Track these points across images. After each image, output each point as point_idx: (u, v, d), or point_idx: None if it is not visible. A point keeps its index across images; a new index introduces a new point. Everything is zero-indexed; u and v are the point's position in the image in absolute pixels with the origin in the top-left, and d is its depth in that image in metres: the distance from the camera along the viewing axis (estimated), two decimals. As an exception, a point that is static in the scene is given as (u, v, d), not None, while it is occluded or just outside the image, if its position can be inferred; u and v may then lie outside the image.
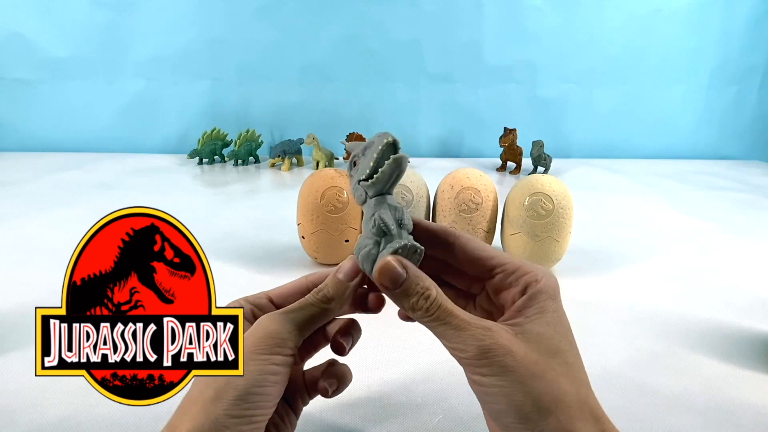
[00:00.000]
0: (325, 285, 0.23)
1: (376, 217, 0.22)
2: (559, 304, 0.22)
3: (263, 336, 0.21)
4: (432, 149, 1.23)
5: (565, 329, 0.21)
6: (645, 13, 1.15)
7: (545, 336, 0.21)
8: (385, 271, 0.21)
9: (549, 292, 0.22)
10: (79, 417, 0.29)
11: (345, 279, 0.23)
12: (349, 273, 0.23)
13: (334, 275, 0.24)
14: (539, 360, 0.20)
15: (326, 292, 0.23)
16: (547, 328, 0.21)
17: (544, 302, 0.22)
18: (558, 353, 0.20)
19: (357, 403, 0.31)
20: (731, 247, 0.61)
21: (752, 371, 0.35)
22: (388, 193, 0.23)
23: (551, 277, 0.23)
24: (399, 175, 0.22)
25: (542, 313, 0.21)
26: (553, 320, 0.21)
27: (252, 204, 0.77)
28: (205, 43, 1.12)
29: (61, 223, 0.64)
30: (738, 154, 1.27)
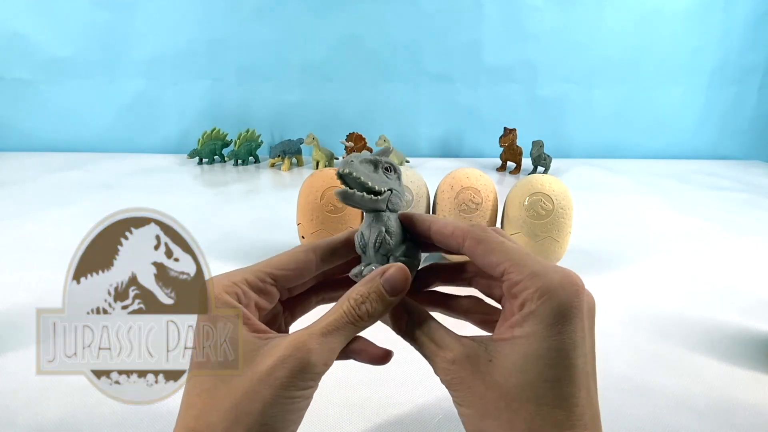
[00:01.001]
0: (368, 297, 0.20)
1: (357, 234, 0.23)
2: (563, 326, 0.18)
3: (300, 371, 0.18)
4: (432, 149, 1.23)
5: (549, 366, 0.17)
6: (645, 13, 1.15)
7: (519, 370, 0.18)
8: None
9: (545, 315, 0.18)
10: (79, 417, 0.29)
11: (390, 294, 0.20)
12: (397, 288, 0.20)
13: (379, 288, 0.20)
14: (499, 399, 0.18)
15: (369, 308, 0.20)
16: (524, 361, 0.18)
17: (535, 327, 0.18)
18: (527, 397, 0.17)
19: (357, 403, 0.31)
20: (731, 247, 0.61)
21: (752, 371, 0.35)
22: (388, 210, 0.23)
23: (562, 294, 0.18)
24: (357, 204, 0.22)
25: (527, 339, 0.18)
26: (538, 352, 0.17)
27: (252, 204, 0.77)
28: (205, 43, 1.12)
29: (61, 223, 0.64)
30: (738, 154, 1.27)
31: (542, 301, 0.18)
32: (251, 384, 0.18)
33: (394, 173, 0.23)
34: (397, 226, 0.23)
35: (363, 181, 0.21)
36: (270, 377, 0.18)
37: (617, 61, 1.19)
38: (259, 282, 0.21)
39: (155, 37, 1.11)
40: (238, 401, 0.18)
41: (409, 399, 0.31)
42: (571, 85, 1.20)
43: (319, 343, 0.19)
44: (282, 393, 0.18)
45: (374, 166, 0.23)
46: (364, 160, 0.22)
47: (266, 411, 0.17)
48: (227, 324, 0.19)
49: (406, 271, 0.21)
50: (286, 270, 0.22)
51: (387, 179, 0.23)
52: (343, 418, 0.30)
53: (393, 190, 0.23)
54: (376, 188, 0.22)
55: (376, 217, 0.22)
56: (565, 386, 0.17)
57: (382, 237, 0.22)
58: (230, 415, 0.17)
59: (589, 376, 0.18)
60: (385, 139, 1.01)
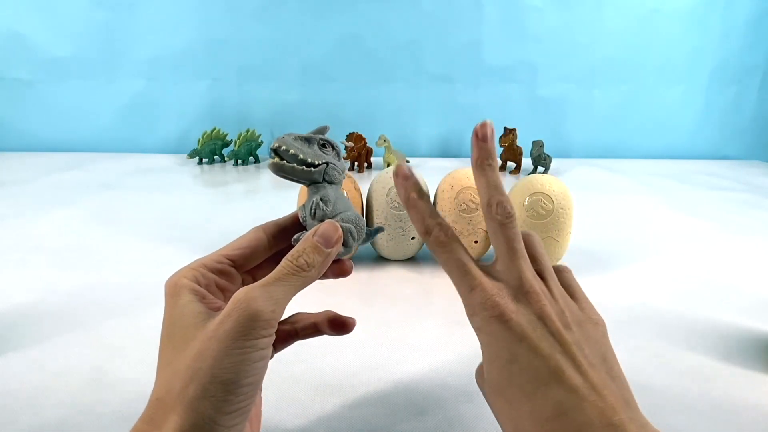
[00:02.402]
0: (303, 251, 0.21)
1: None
2: (486, 336, 0.20)
3: (246, 318, 0.19)
4: (432, 149, 1.23)
5: (500, 364, 0.20)
6: (645, 13, 1.15)
7: (488, 379, 0.21)
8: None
9: (472, 326, 0.21)
10: (79, 417, 0.29)
11: (326, 246, 0.22)
12: (330, 239, 0.22)
13: (313, 241, 0.21)
14: (493, 403, 0.21)
15: (307, 259, 0.21)
16: (487, 369, 0.21)
17: (479, 323, 0.21)
18: (499, 393, 0.20)
19: (356, 404, 0.31)
20: (731, 247, 0.61)
21: (752, 371, 0.35)
22: (325, 182, 0.24)
23: (466, 305, 0.21)
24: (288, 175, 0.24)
25: (479, 332, 0.21)
26: (487, 359, 0.21)
27: (252, 204, 0.77)
28: (205, 43, 1.12)
29: (61, 223, 0.64)
30: (738, 154, 1.27)
31: (471, 319, 0.22)
32: (202, 343, 0.19)
33: (332, 149, 0.25)
34: (337, 196, 0.24)
35: (294, 154, 0.23)
36: (218, 331, 0.19)
37: (617, 61, 1.19)
38: (216, 264, 0.23)
39: (155, 37, 1.11)
40: (191, 362, 0.18)
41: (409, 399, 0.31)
42: (571, 85, 1.20)
43: (261, 292, 0.19)
44: (231, 344, 0.18)
45: (307, 142, 0.24)
46: (297, 137, 0.24)
47: (217, 364, 0.18)
48: (184, 304, 0.20)
49: (334, 225, 0.22)
50: (240, 249, 0.24)
51: (323, 154, 0.24)
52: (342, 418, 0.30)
53: (329, 164, 0.24)
54: (309, 160, 0.23)
55: (314, 188, 0.24)
56: (515, 380, 0.19)
57: (316, 203, 0.23)
58: (185, 375, 0.18)
59: (547, 358, 0.19)
60: (385, 139, 1.01)
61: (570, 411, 0.18)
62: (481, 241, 0.50)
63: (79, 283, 0.46)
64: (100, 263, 0.51)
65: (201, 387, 0.18)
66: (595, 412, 0.18)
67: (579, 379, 0.18)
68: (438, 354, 0.36)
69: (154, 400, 0.19)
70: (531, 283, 0.21)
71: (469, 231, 0.49)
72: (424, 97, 1.19)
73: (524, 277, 0.21)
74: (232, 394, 0.18)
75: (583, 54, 1.18)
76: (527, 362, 0.19)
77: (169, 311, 0.21)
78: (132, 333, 0.38)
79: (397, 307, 0.43)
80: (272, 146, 0.23)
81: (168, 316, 0.21)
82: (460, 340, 0.38)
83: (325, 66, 1.16)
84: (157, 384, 0.20)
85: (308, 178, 0.24)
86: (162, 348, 0.20)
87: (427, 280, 0.49)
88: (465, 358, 0.36)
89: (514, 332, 0.19)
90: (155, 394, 0.19)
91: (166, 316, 0.21)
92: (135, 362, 0.34)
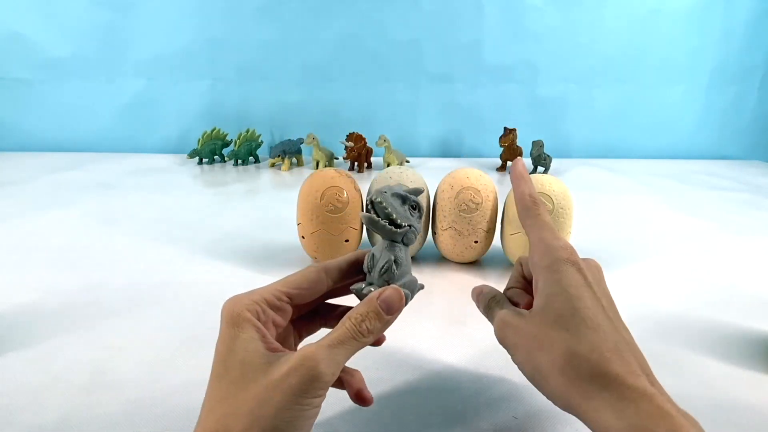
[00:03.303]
0: (367, 315, 0.22)
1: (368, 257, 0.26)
2: (557, 273, 0.23)
3: (310, 378, 0.20)
4: (432, 149, 1.23)
5: (567, 297, 0.22)
6: (645, 13, 1.15)
7: (544, 309, 0.23)
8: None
9: (542, 265, 0.24)
10: (79, 417, 0.29)
11: (387, 313, 0.23)
12: (393, 308, 0.23)
13: (376, 307, 0.23)
14: (538, 333, 0.22)
15: (368, 325, 0.22)
16: (545, 301, 0.23)
17: (538, 276, 0.24)
18: (558, 322, 0.22)
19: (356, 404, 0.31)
20: (731, 247, 0.61)
21: (752, 371, 0.35)
22: (399, 242, 0.25)
23: (548, 248, 0.24)
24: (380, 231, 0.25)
25: (538, 287, 0.24)
26: (550, 290, 0.23)
27: (252, 204, 0.77)
28: (205, 43, 1.12)
29: (61, 223, 0.64)
30: (738, 154, 1.27)
31: (535, 258, 0.24)
32: (266, 391, 0.20)
33: (417, 212, 0.27)
34: (406, 258, 0.26)
35: (389, 212, 0.25)
36: (283, 384, 0.20)
37: (617, 61, 1.19)
38: (276, 300, 0.24)
39: (155, 37, 1.11)
40: (254, 406, 0.19)
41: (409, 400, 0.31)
42: (571, 85, 1.20)
43: (327, 354, 0.21)
44: (293, 399, 0.19)
45: (402, 200, 0.26)
46: (396, 194, 0.26)
47: (278, 415, 0.19)
48: (246, 340, 0.21)
49: (400, 293, 0.23)
50: (300, 289, 0.24)
51: (410, 216, 0.26)
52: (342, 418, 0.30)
53: (412, 227, 0.26)
54: (398, 221, 0.25)
55: (390, 246, 0.25)
56: (580, 314, 0.22)
57: (390, 265, 0.25)
58: (247, 419, 0.19)
59: (605, 309, 0.22)
60: (385, 139, 1.01)
61: (624, 352, 0.21)
62: (481, 241, 0.50)
63: (79, 283, 0.46)
64: (99, 263, 0.51)
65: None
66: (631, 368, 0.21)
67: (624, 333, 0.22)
68: (438, 354, 0.36)
69: (208, 431, 0.20)
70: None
71: (469, 231, 0.49)
72: (424, 97, 1.19)
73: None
74: None
75: (583, 54, 1.18)
76: (592, 303, 0.22)
77: (229, 342, 0.21)
78: (132, 333, 0.38)
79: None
80: (372, 198, 0.25)
81: (226, 347, 0.21)
82: (460, 340, 0.38)
83: (325, 66, 1.16)
84: (209, 415, 0.20)
85: (390, 237, 0.25)
86: (216, 378, 0.21)
87: (427, 279, 0.49)
88: (465, 358, 0.36)
89: (586, 279, 0.23)
90: (208, 427, 0.20)
91: (223, 347, 0.21)
92: (135, 362, 0.34)
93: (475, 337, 0.38)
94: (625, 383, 0.19)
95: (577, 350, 0.21)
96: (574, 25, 1.15)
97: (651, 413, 0.18)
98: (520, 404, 0.31)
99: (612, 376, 0.19)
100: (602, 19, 1.15)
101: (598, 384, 0.20)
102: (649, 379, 0.20)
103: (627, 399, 0.19)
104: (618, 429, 0.18)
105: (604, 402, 0.19)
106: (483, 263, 0.54)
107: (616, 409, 0.19)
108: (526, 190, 0.27)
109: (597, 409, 0.19)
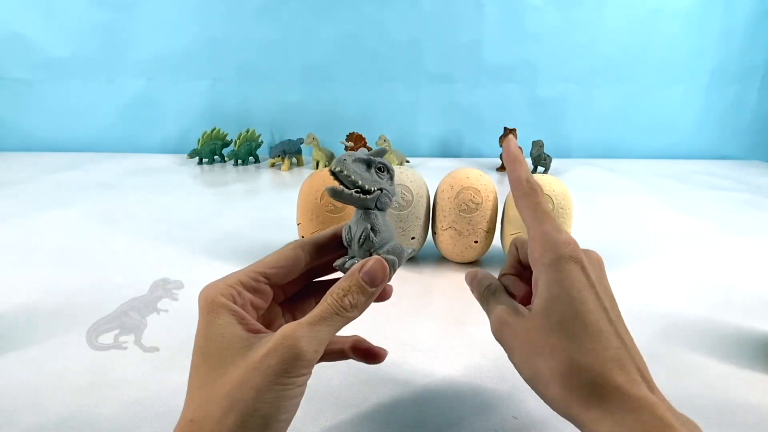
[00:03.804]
0: (349, 289, 0.21)
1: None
2: (559, 273, 0.21)
3: (290, 357, 0.19)
4: (432, 149, 1.23)
5: (569, 300, 0.21)
6: (645, 13, 1.15)
7: (544, 312, 0.21)
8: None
9: (544, 262, 0.22)
10: (79, 417, 0.29)
11: (371, 285, 0.22)
12: (377, 279, 0.22)
13: (358, 280, 0.22)
14: (538, 339, 0.21)
15: (351, 300, 0.21)
16: (546, 303, 0.21)
17: (539, 273, 0.22)
18: (560, 328, 0.21)
19: (357, 404, 0.31)
20: (731, 247, 0.61)
21: (752, 371, 0.35)
22: (373, 209, 0.24)
23: (550, 243, 0.22)
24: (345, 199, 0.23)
25: (539, 286, 0.22)
26: (552, 293, 0.21)
27: (252, 204, 0.77)
28: (205, 43, 1.12)
29: (61, 223, 0.64)
30: (738, 154, 1.27)
31: (545, 255, 0.22)
32: (245, 373, 0.19)
33: (387, 173, 0.25)
34: (384, 224, 0.24)
35: (353, 180, 0.23)
36: (262, 365, 0.19)
37: (617, 61, 1.19)
38: (252, 282, 0.23)
39: (155, 37, 1.11)
40: (232, 390, 0.19)
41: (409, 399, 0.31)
42: (571, 85, 1.20)
43: (307, 331, 0.20)
44: (274, 380, 0.19)
45: (367, 165, 0.24)
46: (357, 159, 0.24)
47: (259, 397, 0.18)
48: (222, 325, 0.20)
49: (383, 263, 0.22)
50: (277, 268, 0.24)
51: (378, 179, 0.24)
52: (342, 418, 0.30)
53: (383, 190, 0.24)
54: (366, 187, 0.23)
55: (365, 214, 0.24)
56: (582, 318, 0.20)
57: (366, 233, 0.23)
58: (225, 403, 0.18)
59: (607, 311, 0.21)
60: (385, 139, 1.01)
61: (624, 359, 0.20)
62: (481, 241, 0.50)
63: (79, 283, 0.46)
64: (99, 263, 0.51)
65: (241, 418, 0.18)
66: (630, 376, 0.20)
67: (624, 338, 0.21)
68: (438, 354, 0.36)
69: (187, 421, 0.19)
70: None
71: (469, 231, 0.49)
72: (424, 97, 1.19)
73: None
74: (269, 428, 0.19)
75: (583, 54, 1.18)
76: (595, 306, 0.21)
77: (206, 329, 0.21)
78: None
79: (397, 306, 0.43)
80: (332, 168, 0.23)
81: (204, 334, 0.21)
82: (460, 340, 0.38)
83: (325, 66, 1.16)
84: (189, 404, 0.20)
85: (362, 205, 0.24)
86: (195, 366, 0.20)
87: (427, 279, 0.49)
88: (464, 358, 0.36)
89: (589, 279, 0.21)
90: (188, 414, 0.19)
91: (201, 334, 0.21)
92: (135, 362, 0.34)
93: (475, 337, 0.38)
94: (626, 393, 0.19)
95: (578, 360, 0.20)
96: (574, 25, 1.15)
97: (651, 424, 0.18)
98: (520, 404, 0.31)
99: (612, 386, 0.19)
100: (602, 19, 1.15)
101: (598, 395, 0.19)
102: (649, 386, 0.20)
103: (626, 410, 0.19)
104: None
105: (603, 413, 0.19)
106: (483, 263, 0.54)
107: (616, 420, 0.18)
108: (523, 174, 0.25)
109: (596, 420, 0.19)
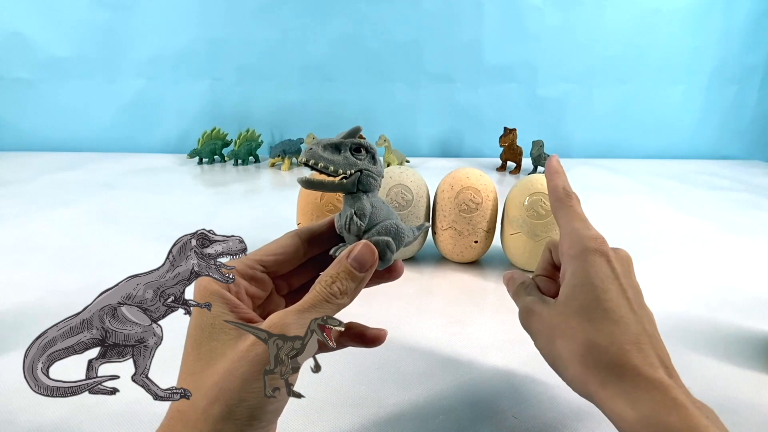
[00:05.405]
0: (337, 276, 0.21)
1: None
2: (584, 263, 0.23)
3: None
4: (432, 149, 1.23)
5: (592, 287, 0.22)
6: (645, 13, 1.15)
7: (568, 299, 0.23)
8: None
9: (570, 254, 0.24)
10: (79, 417, 0.29)
11: (360, 270, 0.21)
12: (365, 264, 0.21)
13: (346, 266, 0.21)
14: (560, 322, 0.23)
15: (340, 286, 0.20)
16: (570, 290, 0.23)
17: (566, 265, 0.24)
18: (581, 312, 0.22)
19: (357, 403, 0.31)
20: (731, 247, 0.61)
21: (752, 371, 0.35)
22: (359, 191, 0.23)
23: (578, 238, 0.24)
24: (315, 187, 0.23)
25: (565, 276, 0.24)
26: (576, 281, 0.23)
27: (252, 204, 0.77)
28: (205, 43, 1.12)
29: (61, 223, 0.64)
30: (738, 154, 1.27)
31: (564, 248, 0.25)
32: (232, 363, 0.18)
33: (366, 153, 0.23)
34: (374, 205, 0.23)
35: (324, 167, 0.21)
36: (249, 354, 0.18)
37: (617, 61, 1.19)
38: (248, 269, 0.22)
39: (155, 36, 1.11)
40: (218, 379, 0.18)
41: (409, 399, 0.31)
42: (571, 85, 1.20)
43: (296, 319, 0.19)
44: (261, 369, 0.18)
45: (337, 149, 0.23)
46: (327, 145, 0.22)
47: (245, 387, 0.18)
48: (214, 315, 0.20)
49: (371, 247, 0.21)
50: (274, 255, 0.23)
51: (356, 161, 0.23)
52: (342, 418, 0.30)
53: (363, 171, 0.23)
54: (340, 171, 0.22)
55: (351, 199, 0.23)
56: (603, 305, 0.22)
57: (350, 219, 0.22)
58: (211, 392, 0.18)
59: (630, 301, 0.22)
60: (385, 138, 1.01)
61: (643, 344, 0.21)
62: (481, 241, 0.50)
63: (79, 283, 0.46)
64: (100, 263, 0.51)
65: (227, 408, 0.18)
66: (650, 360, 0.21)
67: (642, 324, 0.23)
68: (438, 353, 0.36)
69: (174, 411, 0.19)
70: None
71: (469, 231, 0.49)
72: (424, 97, 1.19)
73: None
74: (256, 419, 0.18)
75: (583, 54, 1.18)
76: (617, 295, 0.22)
77: (198, 317, 0.20)
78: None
79: (397, 306, 0.43)
80: (300, 160, 0.22)
81: (196, 322, 0.20)
82: (460, 340, 0.38)
83: (325, 66, 1.16)
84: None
85: (341, 191, 0.23)
86: (186, 355, 0.20)
87: (427, 279, 0.49)
88: (464, 358, 0.36)
89: (614, 271, 0.23)
90: (175, 404, 0.19)
91: (193, 322, 0.20)
92: (135, 362, 0.34)
93: (475, 337, 0.38)
94: (642, 374, 0.20)
95: (596, 341, 0.21)
96: (574, 25, 1.15)
97: (664, 404, 0.19)
98: (520, 404, 0.31)
99: (629, 367, 0.20)
100: (602, 19, 1.15)
101: (615, 374, 0.20)
102: (668, 372, 0.20)
103: (641, 389, 0.19)
104: (631, 418, 0.19)
105: (619, 391, 0.20)
106: (483, 263, 0.54)
107: (631, 399, 0.19)
108: (560, 183, 0.27)
109: (612, 397, 0.20)
